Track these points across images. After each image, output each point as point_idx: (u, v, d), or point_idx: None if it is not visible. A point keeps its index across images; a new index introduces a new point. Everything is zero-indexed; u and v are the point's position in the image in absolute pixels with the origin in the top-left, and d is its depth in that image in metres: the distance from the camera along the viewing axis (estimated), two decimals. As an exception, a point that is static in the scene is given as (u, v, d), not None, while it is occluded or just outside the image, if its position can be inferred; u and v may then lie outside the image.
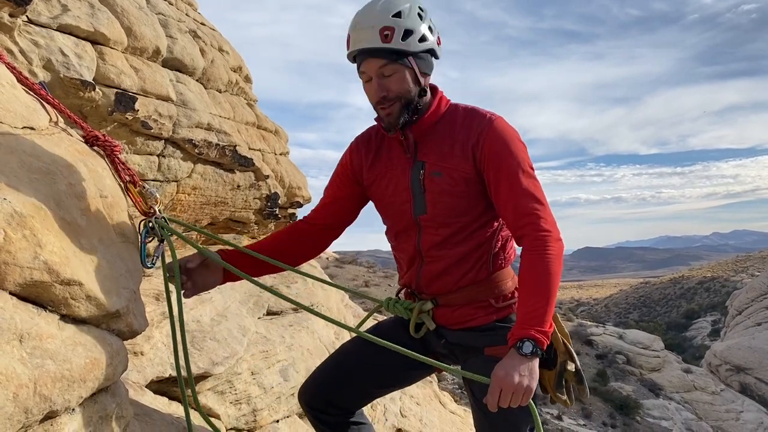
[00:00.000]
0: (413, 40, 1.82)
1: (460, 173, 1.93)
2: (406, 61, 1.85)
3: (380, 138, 2.12)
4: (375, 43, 1.81)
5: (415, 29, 1.82)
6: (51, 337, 1.26)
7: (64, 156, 1.60)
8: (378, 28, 1.80)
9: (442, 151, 1.95)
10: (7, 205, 1.23)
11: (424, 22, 1.86)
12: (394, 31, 1.79)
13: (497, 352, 1.90)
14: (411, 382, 2.39)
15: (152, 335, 2.74)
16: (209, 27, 4.75)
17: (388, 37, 1.79)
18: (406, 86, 1.88)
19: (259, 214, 4.66)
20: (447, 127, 1.98)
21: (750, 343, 34.13)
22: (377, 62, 1.84)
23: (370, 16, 1.82)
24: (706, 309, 61.80)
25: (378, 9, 1.82)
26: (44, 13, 2.57)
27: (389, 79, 1.86)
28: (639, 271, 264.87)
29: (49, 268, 1.28)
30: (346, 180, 2.19)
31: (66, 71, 2.53)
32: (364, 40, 1.83)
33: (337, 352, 2.34)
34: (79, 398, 1.31)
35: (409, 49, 1.83)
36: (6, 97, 1.55)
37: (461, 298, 2.01)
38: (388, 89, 1.87)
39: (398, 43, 1.81)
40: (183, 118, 3.47)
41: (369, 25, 1.81)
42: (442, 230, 1.99)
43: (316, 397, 2.17)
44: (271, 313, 4.07)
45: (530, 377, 1.71)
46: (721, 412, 27.92)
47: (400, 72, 1.85)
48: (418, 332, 2.09)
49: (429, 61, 1.92)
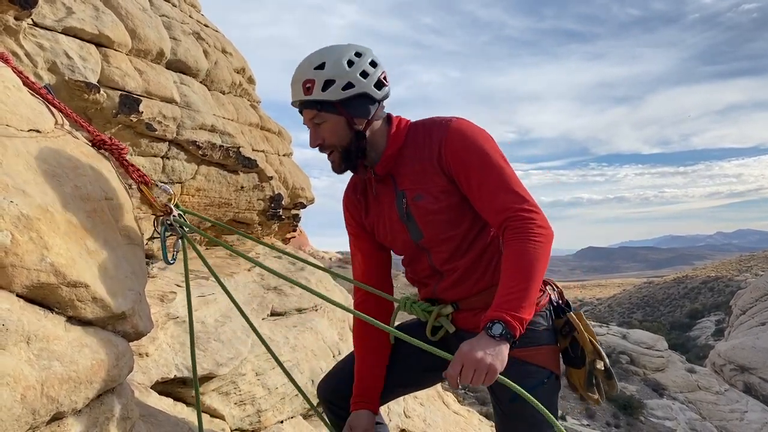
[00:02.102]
0: (335, 89, 1.86)
1: (438, 189, 1.94)
2: (332, 108, 1.89)
3: (363, 182, 2.15)
4: (299, 96, 1.91)
5: (337, 78, 1.86)
6: (58, 338, 1.27)
7: (70, 159, 1.61)
8: (300, 82, 1.90)
9: (415, 173, 1.97)
10: (14, 208, 1.24)
11: (353, 69, 1.87)
12: (315, 83, 1.86)
13: (522, 354, 1.89)
14: (427, 385, 2.41)
15: (157, 336, 2.75)
16: (212, 28, 4.76)
17: (310, 90, 1.88)
18: (339, 134, 1.93)
19: (262, 215, 4.67)
20: (411, 149, 1.99)
21: (754, 342, 34.02)
22: (309, 113, 1.93)
23: (298, 71, 1.91)
24: (709, 309, 61.63)
25: (304, 64, 1.90)
26: (49, 16, 2.58)
27: (321, 128, 1.93)
28: (642, 271, 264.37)
29: (56, 270, 1.28)
30: (360, 233, 2.22)
31: (71, 74, 2.54)
32: (294, 93, 1.94)
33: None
34: (85, 399, 1.32)
35: (331, 99, 1.87)
36: (12, 101, 1.56)
37: (480, 302, 1.99)
38: (322, 138, 1.94)
39: (318, 94, 1.87)
40: (187, 119, 3.49)
41: (295, 79, 1.91)
42: (446, 246, 2.00)
43: (335, 392, 2.22)
44: (275, 314, 4.07)
45: (495, 357, 1.67)
46: (725, 412, 27.84)
47: (329, 121, 1.91)
48: (435, 335, 2.08)
49: (363, 106, 1.93)
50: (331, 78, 1.86)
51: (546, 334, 1.98)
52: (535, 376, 1.92)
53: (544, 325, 1.98)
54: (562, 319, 2.02)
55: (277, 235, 5.33)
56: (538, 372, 1.93)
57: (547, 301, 2.04)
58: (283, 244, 5.52)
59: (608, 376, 2.04)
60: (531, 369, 1.93)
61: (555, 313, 2.04)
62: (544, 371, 1.95)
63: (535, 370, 1.93)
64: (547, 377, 1.95)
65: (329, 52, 1.89)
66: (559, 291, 2.12)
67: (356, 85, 1.88)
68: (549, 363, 1.97)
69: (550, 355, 1.98)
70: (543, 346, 1.96)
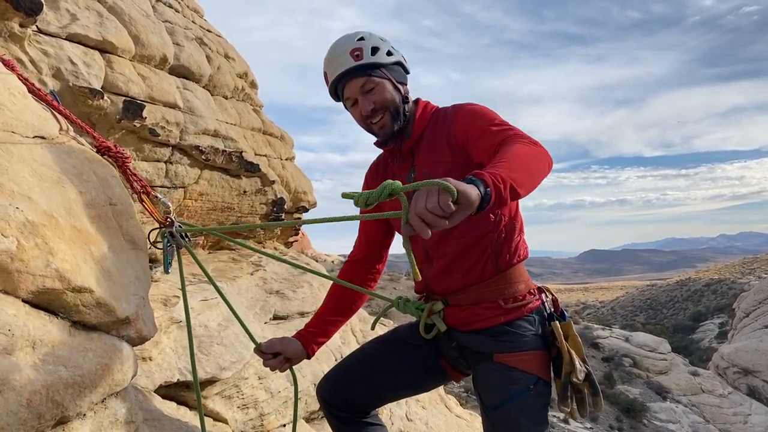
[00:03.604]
0: (381, 54, 2.03)
1: (444, 165, 2.00)
2: (381, 72, 2.02)
3: (385, 162, 2.26)
4: (349, 64, 2.00)
5: (380, 47, 2.03)
6: (63, 343, 1.28)
7: (75, 164, 1.62)
8: (347, 53, 2.00)
9: (429, 151, 2.07)
10: (19, 214, 1.26)
11: (386, 44, 2.06)
12: (363, 50, 2.00)
13: (508, 359, 1.91)
14: (426, 388, 2.40)
15: (160, 340, 2.76)
16: (215, 34, 4.78)
17: (359, 56, 1.99)
18: (389, 95, 2.04)
19: (265, 219, 4.69)
20: (431, 131, 2.10)
21: (758, 345, 33.91)
22: (357, 81, 2.01)
23: (338, 48, 2.03)
24: (713, 311, 61.42)
25: (343, 40, 2.04)
26: (53, 23, 2.60)
27: (372, 92, 2.02)
28: (645, 274, 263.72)
29: (61, 275, 1.30)
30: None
31: (75, 80, 2.56)
32: (339, 65, 2.01)
33: (356, 352, 2.41)
34: (90, 404, 1.33)
35: (380, 61, 2.01)
36: (18, 108, 1.57)
37: (469, 297, 2.02)
38: (375, 101, 2.02)
39: (369, 58, 2.00)
40: (190, 124, 3.50)
41: (339, 53, 2.02)
42: None
43: (333, 393, 2.24)
44: (277, 318, 4.08)
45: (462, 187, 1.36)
46: (728, 415, 27.74)
47: (379, 84, 2.02)
48: (429, 333, 2.12)
49: (401, 72, 2.10)
50: (376, 46, 2.02)
51: (533, 339, 1.97)
52: (519, 382, 1.91)
53: (531, 330, 1.98)
54: (550, 327, 2.00)
55: (279, 239, 5.34)
56: (524, 378, 1.92)
57: (537, 307, 2.03)
58: (286, 247, 5.54)
59: (594, 391, 2.01)
60: (516, 375, 1.92)
61: (548, 321, 2.03)
62: (530, 377, 1.93)
63: (521, 376, 1.92)
64: (534, 383, 1.93)
65: (358, 33, 2.05)
66: (554, 299, 2.12)
67: (394, 54, 2.06)
68: (535, 368, 1.95)
69: (536, 361, 1.96)
70: (529, 351, 1.95)
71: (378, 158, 2.34)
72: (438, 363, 2.21)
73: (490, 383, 1.99)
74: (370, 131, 2.11)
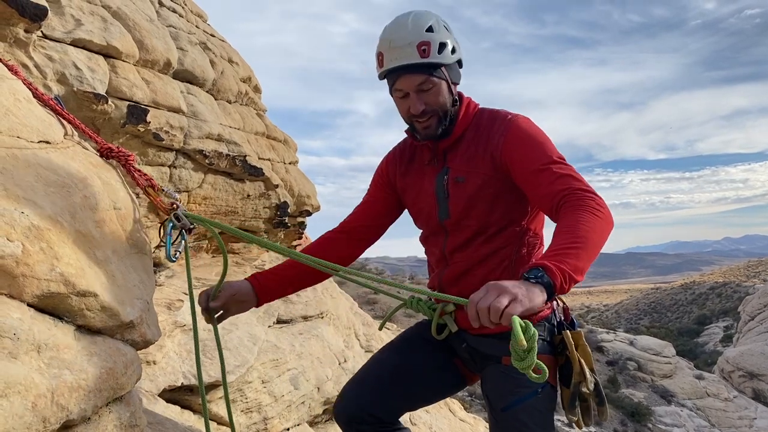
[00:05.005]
0: (447, 52, 1.87)
1: (482, 176, 1.96)
2: (442, 73, 1.90)
3: (413, 149, 2.18)
4: (414, 58, 1.84)
5: (447, 42, 1.87)
6: (67, 347, 1.28)
7: (79, 169, 1.63)
8: (415, 44, 1.83)
9: (468, 156, 1.99)
10: (24, 219, 1.26)
11: (452, 34, 1.91)
12: (431, 45, 1.83)
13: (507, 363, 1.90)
14: (445, 394, 2.36)
15: (164, 344, 2.76)
16: (219, 38, 4.80)
17: (426, 52, 1.83)
18: (443, 99, 1.93)
19: (268, 223, 4.69)
20: (473, 133, 2.01)
21: (763, 349, 33.74)
22: (416, 78, 1.88)
23: (405, 33, 1.85)
24: (717, 314, 61.16)
25: (411, 25, 1.84)
26: (58, 28, 2.61)
27: (428, 93, 1.90)
28: (649, 277, 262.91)
29: (66, 279, 1.30)
30: (381, 185, 2.26)
31: (79, 85, 2.57)
32: (402, 57, 1.86)
33: (372, 363, 2.28)
34: (94, 407, 1.33)
35: (445, 62, 1.87)
36: (23, 113, 1.58)
37: None
38: (427, 103, 1.91)
39: (435, 56, 1.85)
40: (194, 129, 3.51)
41: (405, 42, 1.84)
42: (465, 232, 2.02)
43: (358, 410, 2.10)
44: (281, 322, 4.09)
45: (523, 291, 1.43)
46: (734, 419, 27.59)
47: (436, 86, 1.90)
48: (440, 334, 2.10)
49: (458, 71, 1.98)
50: (444, 41, 1.86)
51: (542, 345, 1.96)
52: (528, 385, 1.89)
53: (540, 335, 1.97)
54: (559, 336, 2.00)
55: (282, 243, 5.35)
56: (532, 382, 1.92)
57: (546, 315, 2.02)
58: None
59: (600, 401, 2.01)
60: (524, 378, 1.92)
61: (558, 330, 2.02)
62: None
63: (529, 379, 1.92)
64: (542, 387, 1.92)
65: (426, 15, 1.87)
66: (565, 307, 2.11)
67: (457, 50, 1.92)
68: None
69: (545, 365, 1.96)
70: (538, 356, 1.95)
71: (403, 145, 2.23)
72: (453, 361, 2.19)
73: (498, 386, 1.98)
74: (411, 126, 2.02)
